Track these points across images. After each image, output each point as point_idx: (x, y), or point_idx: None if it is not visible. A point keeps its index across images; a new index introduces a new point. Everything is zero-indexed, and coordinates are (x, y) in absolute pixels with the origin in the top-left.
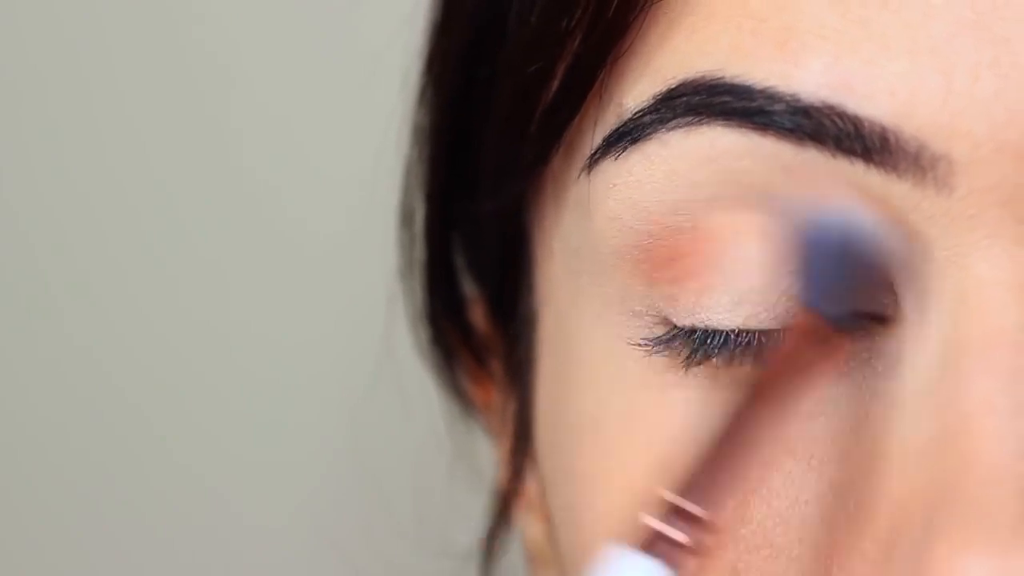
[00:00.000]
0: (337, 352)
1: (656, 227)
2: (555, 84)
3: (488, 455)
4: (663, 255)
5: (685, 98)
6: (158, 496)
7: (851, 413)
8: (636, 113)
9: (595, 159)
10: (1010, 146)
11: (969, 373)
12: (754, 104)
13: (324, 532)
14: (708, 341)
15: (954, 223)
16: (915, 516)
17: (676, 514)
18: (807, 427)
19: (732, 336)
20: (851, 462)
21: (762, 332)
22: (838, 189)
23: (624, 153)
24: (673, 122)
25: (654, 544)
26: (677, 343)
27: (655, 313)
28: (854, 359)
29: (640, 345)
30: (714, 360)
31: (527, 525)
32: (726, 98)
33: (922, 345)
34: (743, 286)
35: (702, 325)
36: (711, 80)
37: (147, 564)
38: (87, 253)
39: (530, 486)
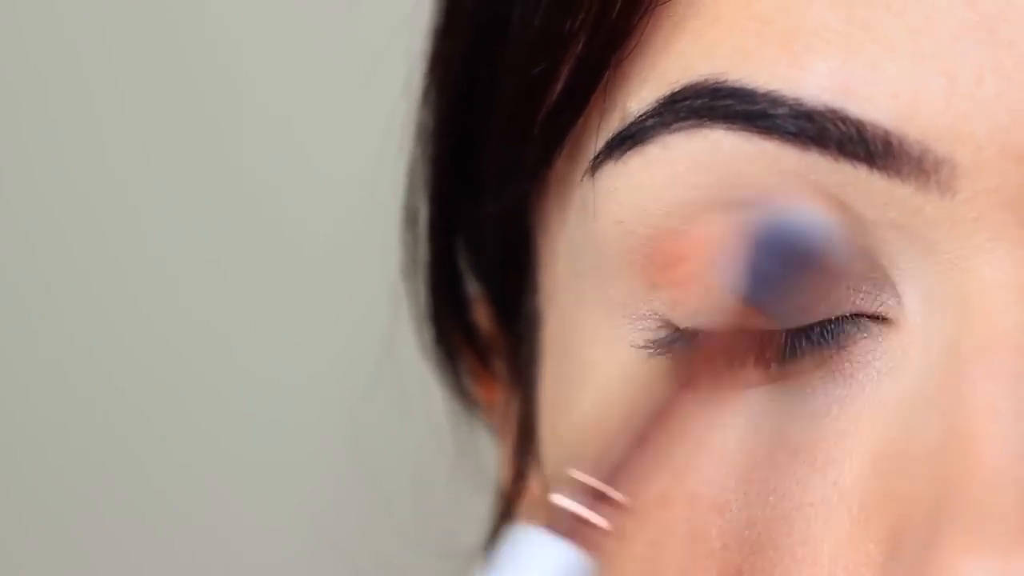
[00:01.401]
0: (337, 352)
1: (657, 230)
2: (558, 86)
3: (491, 454)
4: (664, 259)
5: (688, 101)
6: (158, 496)
7: (854, 415)
8: (639, 116)
9: (598, 161)
10: (1013, 149)
11: (971, 376)
12: (757, 107)
13: (324, 532)
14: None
15: (957, 226)
16: (918, 519)
17: (588, 494)
18: (811, 428)
19: (733, 339)
20: (855, 464)
21: (763, 334)
22: (842, 193)
23: (625, 156)
24: (675, 125)
25: (564, 524)
26: (679, 346)
27: (657, 316)
28: (857, 361)
29: (642, 347)
30: (716, 363)
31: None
32: (729, 101)
33: (925, 348)
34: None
35: (704, 328)
36: (714, 83)
37: (147, 564)
38: (87, 253)
39: (533, 486)
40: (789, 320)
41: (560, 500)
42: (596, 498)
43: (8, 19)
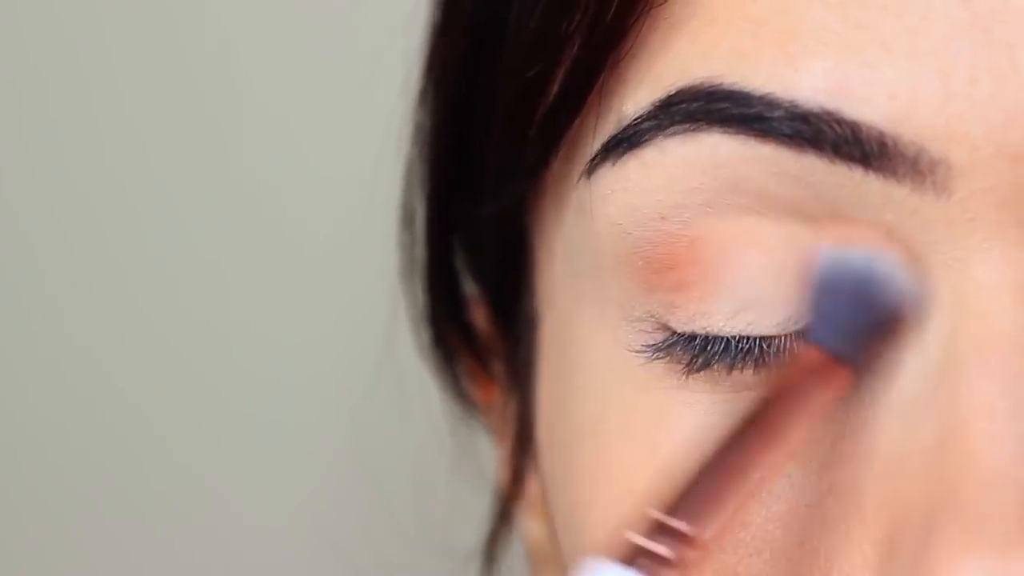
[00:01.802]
0: (337, 352)
1: (655, 233)
2: (555, 88)
3: (490, 455)
4: (662, 262)
5: (683, 105)
6: (158, 496)
7: (851, 416)
8: (635, 120)
9: (595, 164)
10: (1008, 149)
11: (968, 376)
12: (753, 111)
13: (324, 532)
14: (708, 348)
15: (953, 226)
16: (915, 519)
17: (661, 530)
18: (807, 430)
19: (733, 342)
20: (851, 465)
21: (763, 338)
22: (840, 195)
23: (622, 159)
24: (671, 129)
25: (637, 558)
26: (677, 349)
27: (654, 319)
28: None
29: (639, 351)
30: (714, 366)
31: (528, 525)
32: (724, 104)
33: (921, 348)
34: (742, 293)
35: (702, 332)
36: (709, 87)
37: (147, 564)
38: (87, 253)
39: (531, 487)
40: (866, 374)
41: (635, 537)
42: (669, 535)
43: (8, 19)
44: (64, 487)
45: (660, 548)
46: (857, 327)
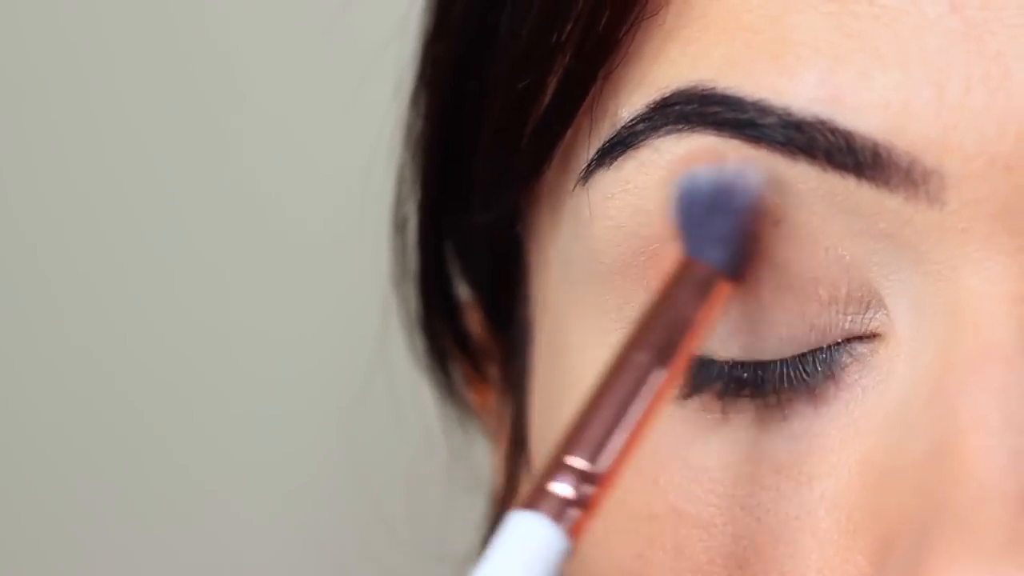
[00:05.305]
0: (331, 355)
1: (660, 231)
2: (547, 98)
3: (485, 458)
4: (667, 262)
5: (678, 107)
6: (157, 496)
7: (837, 432)
8: (630, 122)
9: (590, 170)
10: (1001, 159)
11: (961, 388)
12: (745, 116)
13: (318, 535)
14: (704, 370)
15: (946, 236)
16: (908, 531)
17: (563, 470)
18: (794, 446)
19: (727, 367)
20: (842, 476)
21: (758, 364)
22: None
23: (617, 161)
24: (664, 129)
25: (544, 502)
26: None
27: None
28: (842, 384)
29: None
30: (708, 390)
31: None
32: (717, 109)
33: (915, 359)
34: (737, 314)
35: (697, 351)
36: (703, 90)
37: (146, 564)
38: (87, 253)
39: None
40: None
41: (553, 487)
42: (571, 474)
43: (8, 19)
44: (63, 487)
45: (564, 489)
46: (722, 232)
